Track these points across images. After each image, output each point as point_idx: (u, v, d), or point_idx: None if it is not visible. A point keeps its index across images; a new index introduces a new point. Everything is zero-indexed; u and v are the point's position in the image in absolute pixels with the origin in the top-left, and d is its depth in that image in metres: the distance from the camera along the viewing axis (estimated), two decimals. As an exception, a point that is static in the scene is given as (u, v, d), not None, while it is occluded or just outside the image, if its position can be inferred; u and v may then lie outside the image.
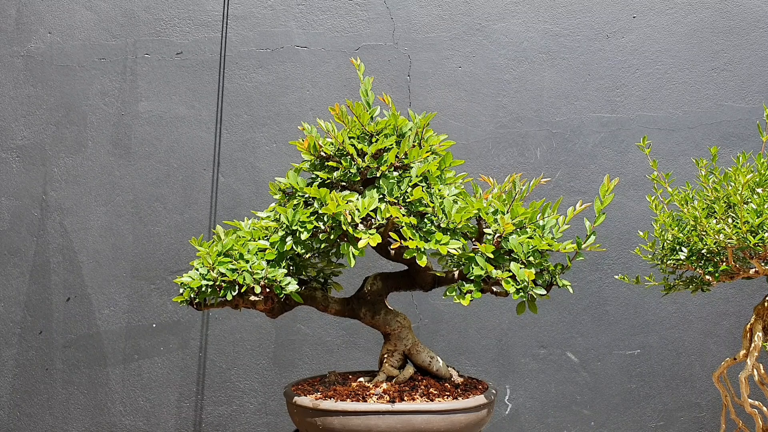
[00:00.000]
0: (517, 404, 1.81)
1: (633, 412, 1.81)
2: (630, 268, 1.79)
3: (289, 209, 1.06)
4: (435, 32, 1.82)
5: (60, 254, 1.79)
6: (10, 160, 1.80)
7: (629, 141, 1.81)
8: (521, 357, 1.81)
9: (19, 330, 1.79)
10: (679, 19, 1.83)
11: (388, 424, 1.03)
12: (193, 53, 1.81)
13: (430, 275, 1.16)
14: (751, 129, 1.80)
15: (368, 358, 1.78)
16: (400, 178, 1.07)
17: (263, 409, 1.80)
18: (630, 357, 1.81)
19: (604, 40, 1.83)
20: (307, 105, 1.81)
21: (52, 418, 1.79)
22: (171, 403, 1.80)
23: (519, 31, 1.83)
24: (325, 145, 1.09)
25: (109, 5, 1.82)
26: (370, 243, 1.00)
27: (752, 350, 1.12)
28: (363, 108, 1.09)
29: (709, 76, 1.82)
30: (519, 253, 1.03)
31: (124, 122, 1.81)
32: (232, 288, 1.07)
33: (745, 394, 1.12)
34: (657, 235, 1.16)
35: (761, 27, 1.82)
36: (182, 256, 1.79)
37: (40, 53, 1.81)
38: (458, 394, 1.12)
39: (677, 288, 1.18)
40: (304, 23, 1.82)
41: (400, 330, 1.17)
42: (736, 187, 0.99)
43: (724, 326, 1.81)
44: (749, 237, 1.00)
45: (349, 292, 1.22)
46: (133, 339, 1.79)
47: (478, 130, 1.81)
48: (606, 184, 1.02)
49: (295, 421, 1.13)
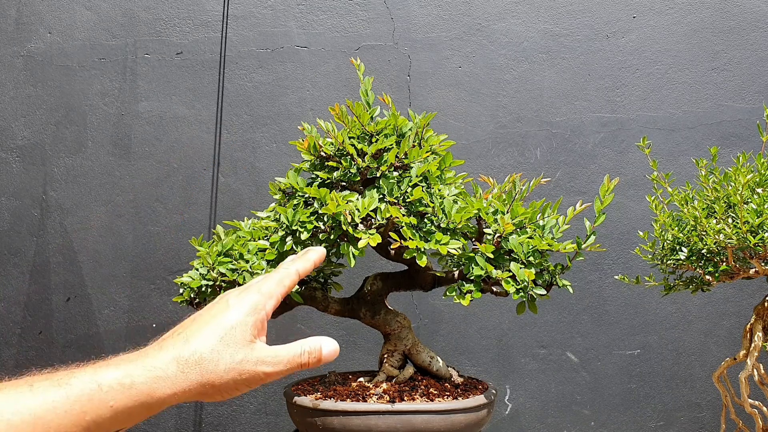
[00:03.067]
0: (517, 404, 1.81)
1: (633, 412, 1.81)
2: (630, 268, 1.79)
3: (289, 209, 1.06)
4: (435, 32, 1.82)
5: (60, 254, 1.79)
6: (10, 160, 1.80)
7: (629, 141, 1.81)
8: (521, 357, 1.81)
9: (19, 330, 1.79)
10: (679, 19, 1.83)
11: (388, 424, 1.03)
12: (193, 53, 1.81)
13: (430, 275, 1.16)
14: (751, 129, 1.80)
15: (368, 358, 1.78)
16: (400, 178, 1.07)
17: (263, 409, 1.80)
18: (630, 357, 1.81)
19: (604, 40, 1.83)
20: (307, 105, 1.81)
21: (52, 418, 1.79)
22: (171, 403, 1.80)
23: (519, 31, 1.83)
24: (325, 145, 1.09)
25: (109, 5, 1.81)
26: (370, 243, 1.00)
27: (752, 350, 1.12)
28: (363, 108, 1.09)
29: (709, 76, 1.82)
30: (519, 253, 1.03)
31: (124, 122, 1.81)
32: (232, 288, 1.07)
33: (745, 394, 1.12)
34: (657, 235, 1.16)
35: (761, 27, 1.82)
36: (182, 256, 1.79)
37: (40, 53, 1.81)
38: (458, 394, 1.12)
39: (677, 288, 1.18)
40: (304, 23, 1.82)
41: (400, 330, 1.17)
42: (736, 187, 0.99)
43: (724, 326, 1.81)
44: (749, 237, 1.00)
45: (349, 292, 1.22)
46: (133, 339, 1.79)
47: (478, 130, 1.81)
48: (606, 184, 1.02)
49: (295, 421, 1.13)
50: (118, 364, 0.62)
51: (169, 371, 0.62)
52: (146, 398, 0.60)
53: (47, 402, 0.56)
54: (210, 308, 0.70)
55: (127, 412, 0.59)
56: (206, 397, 0.65)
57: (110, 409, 0.58)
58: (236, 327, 0.66)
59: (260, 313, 0.69)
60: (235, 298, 0.70)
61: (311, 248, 0.84)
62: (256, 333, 0.68)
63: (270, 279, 0.74)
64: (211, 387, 0.63)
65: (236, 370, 0.64)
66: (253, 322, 0.68)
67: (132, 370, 0.61)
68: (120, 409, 0.59)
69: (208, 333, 0.65)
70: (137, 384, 0.60)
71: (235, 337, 0.66)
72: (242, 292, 0.71)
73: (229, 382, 0.64)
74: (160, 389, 0.61)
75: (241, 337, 0.66)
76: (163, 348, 0.65)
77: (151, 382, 0.61)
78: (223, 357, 0.64)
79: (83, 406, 0.57)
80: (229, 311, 0.68)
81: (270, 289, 0.72)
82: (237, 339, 0.66)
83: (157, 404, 0.62)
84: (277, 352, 0.68)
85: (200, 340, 0.65)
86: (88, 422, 0.57)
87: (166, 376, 0.62)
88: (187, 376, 0.63)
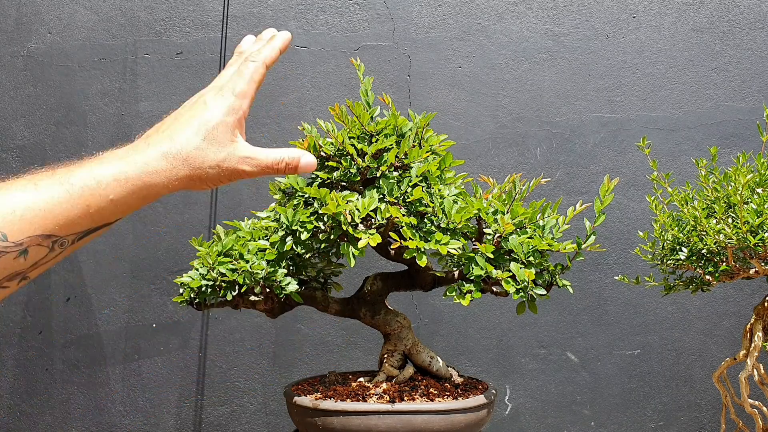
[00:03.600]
0: (517, 404, 1.81)
1: (633, 412, 1.81)
2: (630, 268, 1.79)
3: (289, 209, 1.06)
4: (435, 32, 1.82)
5: (60, 254, 1.79)
6: (10, 160, 1.80)
7: (629, 141, 1.81)
8: (521, 357, 1.81)
9: (19, 330, 1.79)
10: (679, 19, 1.83)
11: (388, 424, 1.03)
12: (193, 53, 1.81)
13: (430, 275, 1.16)
14: (751, 129, 1.80)
15: (368, 358, 1.78)
16: (400, 178, 1.06)
17: (263, 409, 1.80)
18: (630, 357, 1.81)
19: (604, 40, 1.83)
20: (307, 105, 1.81)
21: (52, 418, 1.79)
22: (171, 403, 1.80)
23: (519, 31, 1.83)
24: (325, 145, 1.09)
25: (109, 5, 1.81)
26: (370, 243, 1.00)
27: (752, 350, 1.12)
28: (363, 108, 1.08)
29: (709, 76, 1.82)
30: (519, 253, 1.03)
31: (124, 122, 1.81)
32: (232, 288, 1.07)
33: (745, 394, 1.12)
34: (657, 236, 1.16)
35: (761, 27, 1.82)
36: (182, 256, 1.79)
37: (40, 53, 1.81)
38: (458, 394, 1.12)
39: (677, 288, 1.18)
40: (304, 23, 1.82)
41: (400, 330, 1.17)
42: (736, 187, 0.99)
43: (724, 326, 1.81)
44: (749, 237, 1.00)
45: (349, 292, 1.22)
46: (133, 339, 1.79)
47: (478, 130, 1.81)
48: (606, 184, 1.02)
49: (295, 421, 1.13)
50: (111, 161, 0.68)
51: (159, 166, 0.69)
52: (140, 190, 0.68)
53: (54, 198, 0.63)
54: (189, 107, 0.75)
55: (125, 203, 0.67)
56: (193, 187, 0.72)
57: (110, 201, 0.66)
58: (218, 127, 0.72)
59: (238, 113, 0.75)
60: (212, 98, 0.75)
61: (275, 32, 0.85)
62: (236, 132, 0.75)
63: (241, 77, 0.78)
64: (198, 179, 0.71)
65: (220, 166, 0.72)
66: (233, 121, 0.74)
67: (125, 167, 0.67)
68: (118, 201, 0.66)
69: (191, 132, 0.71)
70: (132, 179, 0.67)
71: (218, 136, 0.72)
72: (217, 92, 0.76)
73: (213, 175, 0.72)
74: (153, 181, 0.68)
75: (223, 137, 0.73)
76: (151, 144, 0.71)
77: (145, 177, 0.68)
78: (207, 155, 0.71)
79: (86, 200, 0.64)
80: (209, 111, 0.73)
81: (243, 90, 0.77)
82: (219, 138, 0.72)
83: (152, 194, 0.69)
84: (257, 156, 0.75)
85: (185, 138, 0.71)
86: (92, 213, 0.65)
87: (156, 171, 0.68)
88: (176, 170, 0.69)
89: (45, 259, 0.64)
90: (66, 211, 0.63)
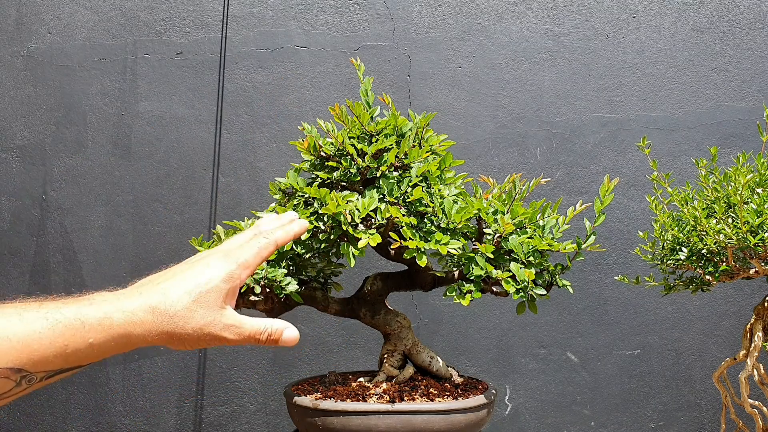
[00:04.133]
0: (517, 404, 1.81)
1: (633, 412, 1.81)
2: (630, 268, 1.79)
3: (289, 209, 1.06)
4: (435, 32, 1.82)
5: (60, 254, 1.79)
6: (10, 160, 1.80)
7: (629, 141, 1.81)
8: (521, 357, 1.81)
9: (19, 330, 1.79)
10: (679, 19, 1.83)
11: (388, 424, 1.03)
12: (193, 53, 1.81)
13: (430, 275, 1.16)
14: (751, 129, 1.80)
15: (368, 358, 1.78)
16: (400, 178, 1.06)
17: (263, 409, 1.80)
18: (630, 357, 1.81)
19: (604, 40, 1.83)
20: (307, 105, 1.81)
21: (52, 418, 1.79)
22: (171, 403, 1.80)
23: (519, 31, 1.83)
24: (325, 145, 1.09)
25: (109, 5, 1.81)
26: (370, 243, 1.00)
27: (752, 350, 1.12)
28: (363, 108, 1.08)
29: (709, 76, 1.82)
30: (519, 253, 1.03)
31: (124, 122, 1.81)
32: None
33: (745, 394, 1.12)
34: (657, 236, 1.16)
35: (761, 27, 1.82)
36: (182, 256, 1.79)
37: (40, 53, 1.81)
38: (458, 394, 1.12)
39: (677, 288, 1.18)
40: (304, 23, 1.82)
41: (400, 330, 1.17)
42: (736, 187, 0.99)
43: (724, 326, 1.81)
44: (749, 237, 1.00)
45: (349, 292, 1.22)
46: (133, 339, 1.79)
47: (478, 130, 1.81)
48: (606, 184, 1.02)
49: (295, 421, 1.13)
50: (99, 304, 0.68)
51: (145, 318, 0.69)
52: (121, 338, 0.67)
53: (35, 332, 0.63)
54: (191, 264, 0.76)
55: (102, 349, 0.67)
56: (171, 345, 0.72)
57: (89, 344, 0.65)
58: (212, 291, 0.73)
59: (234, 282, 0.75)
60: (216, 261, 0.76)
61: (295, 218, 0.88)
62: (227, 300, 0.75)
63: (250, 249, 0.79)
64: (178, 338, 0.71)
65: (203, 330, 0.72)
66: (227, 289, 0.74)
67: (112, 313, 0.67)
68: (97, 346, 0.66)
69: (185, 290, 0.72)
70: (115, 326, 0.67)
71: (209, 300, 0.72)
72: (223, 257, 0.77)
73: (194, 337, 0.71)
74: (135, 332, 0.68)
75: (214, 302, 0.73)
76: (143, 294, 0.71)
77: (127, 326, 0.68)
78: (194, 316, 0.71)
79: (66, 340, 0.64)
80: (209, 273, 0.74)
81: (247, 261, 0.77)
82: (210, 302, 0.72)
83: (130, 344, 0.68)
84: (242, 324, 0.75)
85: (176, 296, 0.71)
86: (68, 353, 0.64)
87: (141, 322, 0.68)
88: (160, 325, 0.69)
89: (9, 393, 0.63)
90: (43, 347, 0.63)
